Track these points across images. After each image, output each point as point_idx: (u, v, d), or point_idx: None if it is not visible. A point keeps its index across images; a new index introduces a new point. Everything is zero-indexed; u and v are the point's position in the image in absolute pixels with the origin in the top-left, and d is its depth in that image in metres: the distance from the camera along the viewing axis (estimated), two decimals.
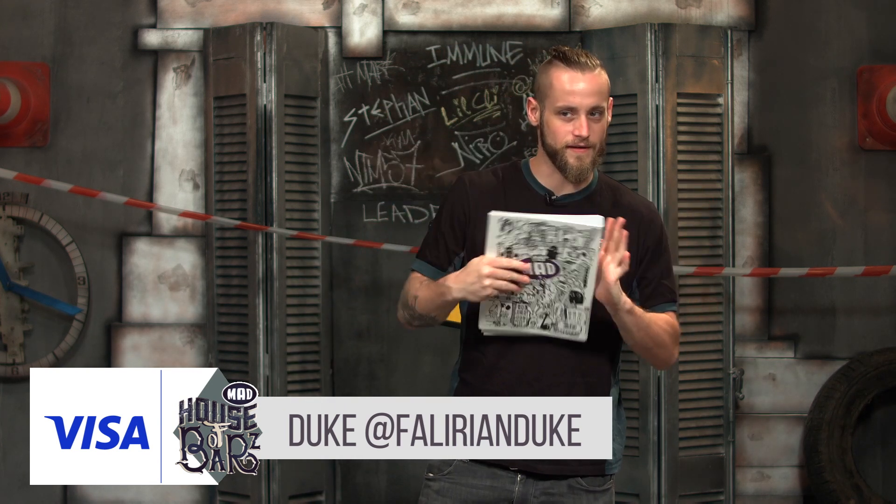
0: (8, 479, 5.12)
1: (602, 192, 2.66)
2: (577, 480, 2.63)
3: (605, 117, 2.61)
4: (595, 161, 2.61)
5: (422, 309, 2.63)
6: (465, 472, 2.63)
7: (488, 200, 2.62)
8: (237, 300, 4.84)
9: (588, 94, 2.56)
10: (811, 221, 5.16)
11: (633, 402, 4.77)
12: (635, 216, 2.63)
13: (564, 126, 2.57)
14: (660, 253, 2.66)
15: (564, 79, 2.57)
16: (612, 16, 5.12)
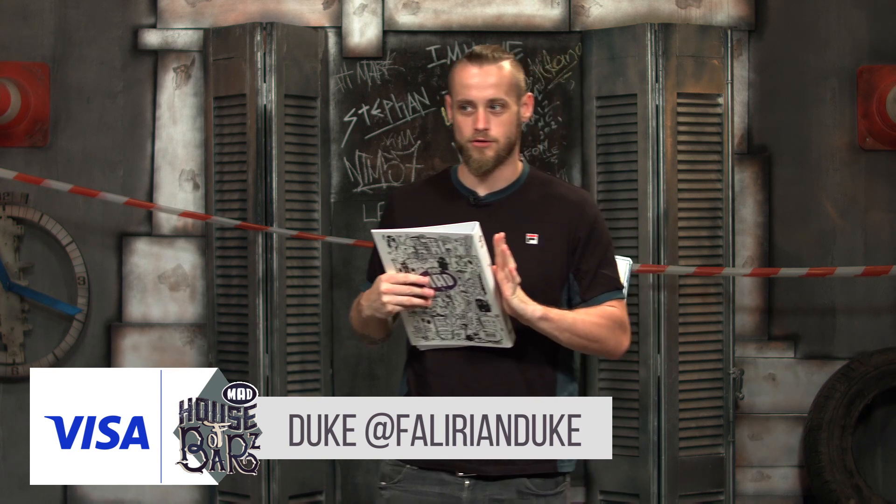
0: (8, 479, 5.12)
1: (531, 186, 2.64)
2: (525, 485, 2.59)
3: (509, 110, 2.58)
4: (499, 155, 2.58)
5: (356, 327, 2.72)
6: (414, 479, 2.62)
7: (414, 211, 2.64)
8: (237, 300, 4.84)
9: (485, 86, 2.54)
10: (811, 221, 5.16)
11: (633, 402, 4.78)
12: (566, 206, 2.61)
13: (465, 120, 2.57)
14: (594, 243, 2.61)
15: (463, 73, 2.57)
16: (612, 16, 5.12)
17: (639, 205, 4.77)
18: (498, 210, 2.60)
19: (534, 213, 2.61)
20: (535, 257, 2.56)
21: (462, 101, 2.57)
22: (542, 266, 2.58)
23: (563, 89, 5.11)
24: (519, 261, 2.44)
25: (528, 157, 5.10)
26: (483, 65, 2.56)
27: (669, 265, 4.68)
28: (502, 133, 2.57)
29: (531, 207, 2.61)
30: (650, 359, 4.73)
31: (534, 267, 2.54)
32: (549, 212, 2.61)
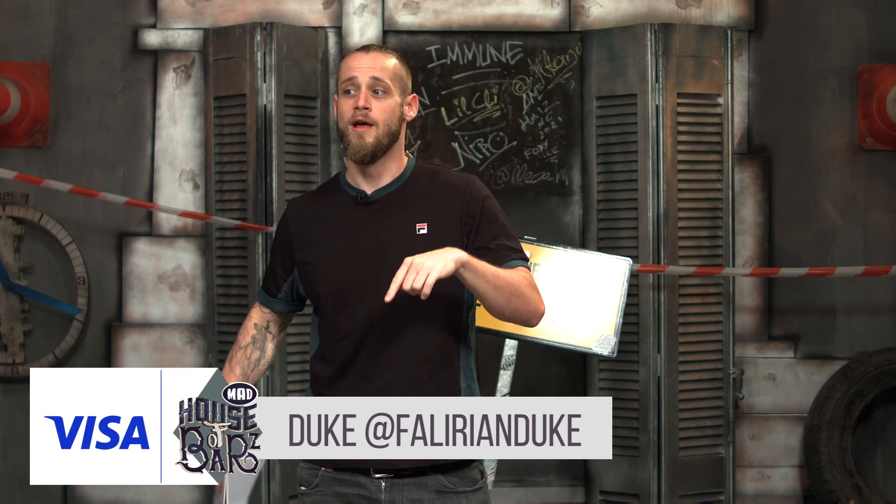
0: (8, 479, 5.12)
1: (417, 178, 2.66)
2: (442, 483, 2.57)
3: (392, 98, 2.59)
4: (379, 141, 2.59)
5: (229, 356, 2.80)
6: (331, 482, 2.61)
7: (306, 218, 2.67)
8: (237, 300, 4.84)
9: (368, 68, 2.57)
10: (811, 221, 5.16)
11: (633, 402, 4.78)
12: (453, 191, 2.62)
13: (347, 102, 2.58)
14: (487, 219, 2.59)
15: (350, 58, 2.61)
16: (612, 16, 5.12)
17: (639, 205, 4.77)
18: (385, 205, 2.61)
19: (422, 204, 2.61)
20: (428, 246, 2.50)
21: (345, 83, 2.58)
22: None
23: (563, 89, 5.11)
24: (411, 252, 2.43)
25: (529, 157, 5.10)
26: (370, 52, 2.61)
27: (669, 265, 4.68)
28: (383, 118, 2.59)
29: (418, 198, 2.61)
30: (650, 359, 4.73)
31: None
32: (437, 200, 2.61)
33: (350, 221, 2.62)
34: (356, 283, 2.57)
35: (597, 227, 4.90)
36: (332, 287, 2.60)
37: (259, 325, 2.80)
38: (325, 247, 2.63)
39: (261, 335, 2.79)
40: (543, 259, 4.02)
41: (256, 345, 2.79)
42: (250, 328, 2.80)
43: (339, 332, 2.60)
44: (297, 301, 2.78)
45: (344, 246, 2.60)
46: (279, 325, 2.82)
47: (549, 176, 5.11)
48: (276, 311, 2.79)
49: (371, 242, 2.58)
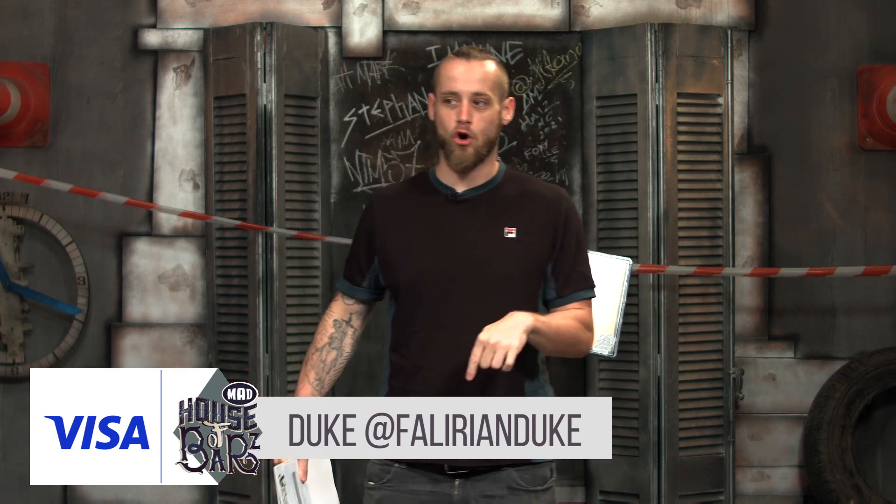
0: (8, 479, 5.12)
1: (507, 183, 2.69)
2: (514, 480, 2.61)
3: (492, 108, 2.62)
4: (479, 152, 2.62)
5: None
6: (404, 478, 2.64)
7: (394, 211, 2.70)
8: (237, 300, 4.84)
9: (470, 80, 2.59)
10: (811, 221, 5.16)
11: (633, 402, 4.77)
12: (544, 202, 2.66)
13: (449, 113, 2.61)
14: (570, 239, 2.66)
15: (450, 67, 2.62)
16: (612, 16, 5.12)
17: (639, 205, 4.77)
18: (476, 205, 2.65)
19: (511, 209, 2.65)
20: (514, 250, 2.60)
21: (447, 94, 2.61)
22: (519, 259, 2.62)
23: (563, 89, 5.11)
24: (498, 253, 2.52)
25: (529, 157, 5.10)
26: (471, 60, 2.62)
27: (669, 265, 4.68)
28: (482, 129, 2.62)
29: (508, 203, 2.65)
30: (650, 359, 4.73)
31: (512, 259, 2.59)
32: (526, 207, 2.65)
33: (438, 217, 2.66)
34: (437, 277, 2.61)
35: (597, 227, 4.90)
36: (412, 279, 2.64)
37: (339, 321, 2.80)
38: (410, 238, 2.66)
39: (339, 332, 2.79)
40: None
41: (333, 344, 2.78)
42: (329, 326, 2.80)
43: (415, 324, 2.64)
44: (379, 291, 2.78)
45: (429, 239, 2.64)
46: (362, 317, 2.82)
47: (549, 176, 5.11)
48: (360, 301, 2.79)
49: (457, 239, 2.62)
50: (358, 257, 2.76)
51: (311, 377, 2.76)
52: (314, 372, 2.76)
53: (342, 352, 2.80)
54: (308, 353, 2.80)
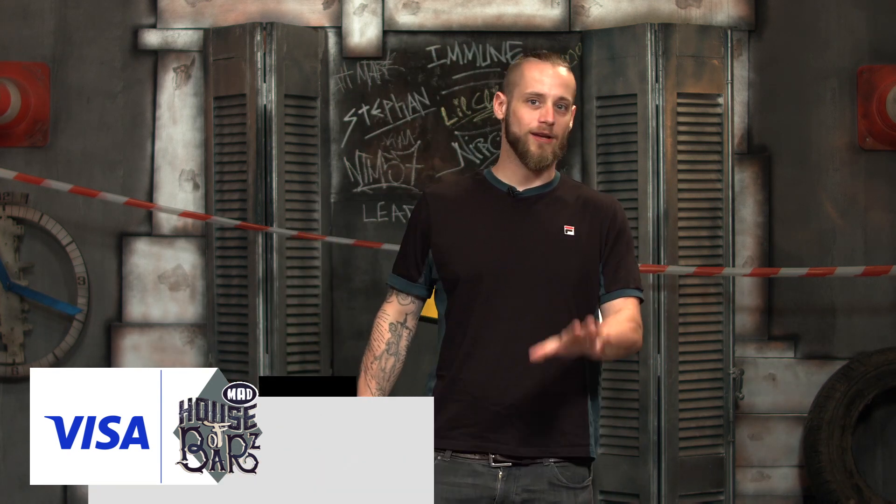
0: (8, 479, 5.12)
1: (564, 187, 2.76)
2: (556, 476, 2.64)
3: (570, 114, 2.74)
4: (556, 153, 2.71)
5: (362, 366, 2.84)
6: (446, 470, 2.65)
7: (450, 206, 2.75)
8: (237, 300, 4.84)
9: (556, 84, 2.69)
10: (811, 221, 5.16)
11: (633, 402, 4.77)
12: (598, 209, 2.73)
13: (531, 113, 2.68)
14: (622, 243, 2.72)
15: (535, 69, 2.70)
16: (612, 16, 5.12)
17: (639, 205, 4.77)
18: (535, 204, 2.71)
19: (569, 210, 2.71)
20: (574, 248, 2.66)
21: (531, 94, 2.68)
22: (579, 257, 2.67)
23: None
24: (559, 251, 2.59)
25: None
26: (556, 65, 2.71)
27: (669, 265, 4.68)
28: (562, 132, 2.72)
29: (566, 205, 2.72)
30: (650, 359, 4.73)
31: (573, 257, 2.65)
32: (583, 210, 2.72)
33: (496, 212, 2.70)
34: (497, 272, 2.64)
35: None
36: (472, 273, 2.67)
37: (395, 324, 2.82)
38: (470, 233, 2.70)
39: (395, 336, 2.82)
40: None
41: (391, 350, 2.82)
42: (385, 331, 2.82)
43: (471, 318, 2.66)
44: (431, 288, 2.81)
45: (489, 235, 2.68)
46: (416, 316, 2.84)
47: None
48: (417, 298, 2.81)
49: (516, 235, 2.67)
50: (413, 253, 2.78)
51: (372, 387, 2.80)
52: (375, 381, 2.81)
53: (399, 356, 2.83)
54: (366, 361, 2.83)
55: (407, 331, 2.83)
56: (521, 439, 2.61)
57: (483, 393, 2.63)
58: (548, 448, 2.63)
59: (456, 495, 2.64)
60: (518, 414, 2.61)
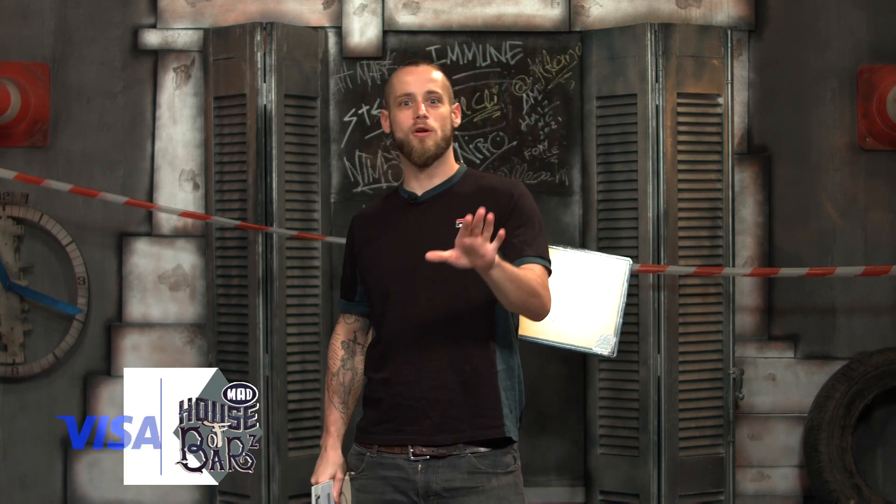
0: (8, 479, 5.12)
1: (464, 181, 2.89)
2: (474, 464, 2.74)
3: (444, 107, 2.85)
4: (438, 144, 2.83)
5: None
6: (375, 466, 2.81)
7: (369, 225, 2.93)
8: (237, 300, 4.84)
9: (421, 81, 2.85)
10: (811, 221, 5.16)
11: (633, 402, 4.77)
12: (497, 193, 2.83)
13: (405, 113, 2.84)
14: (517, 215, 2.80)
15: (401, 74, 2.90)
16: (612, 16, 5.12)
17: (639, 205, 4.77)
18: (432, 205, 2.85)
19: (465, 203, 2.79)
20: None
21: (402, 97, 2.85)
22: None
23: (563, 89, 5.11)
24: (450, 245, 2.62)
25: (529, 157, 5.10)
26: (419, 65, 2.90)
27: (669, 265, 4.68)
28: (439, 125, 2.83)
29: (462, 199, 2.82)
30: (650, 359, 4.73)
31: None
32: (480, 200, 2.75)
33: (400, 220, 2.86)
34: (401, 275, 2.79)
35: (597, 227, 4.90)
36: (379, 278, 2.84)
37: (346, 342, 2.99)
38: (378, 243, 2.88)
39: (349, 353, 2.98)
40: None
41: (346, 366, 2.98)
42: (337, 349, 2.99)
43: (385, 320, 2.82)
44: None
45: (392, 242, 2.84)
46: (365, 332, 3.00)
47: (549, 176, 5.12)
48: (358, 315, 2.98)
49: (415, 238, 2.80)
50: (347, 274, 2.97)
51: (335, 402, 2.95)
52: (337, 396, 2.96)
53: (356, 371, 2.98)
54: (327, 380, 2.98)
55: (359, 346, 2.99)
56: (434, 428, 2.73)
57: (399, 390, 2.77)
58: (463, 433, 2.73)
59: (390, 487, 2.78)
60: (431, 405, 2.74)
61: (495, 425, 2.75)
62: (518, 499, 2.78)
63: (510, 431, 2.77)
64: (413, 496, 2.75)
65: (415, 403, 2.74)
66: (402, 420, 2.76)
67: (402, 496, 2.76)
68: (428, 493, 2.73)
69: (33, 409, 5.11)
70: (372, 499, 2.79)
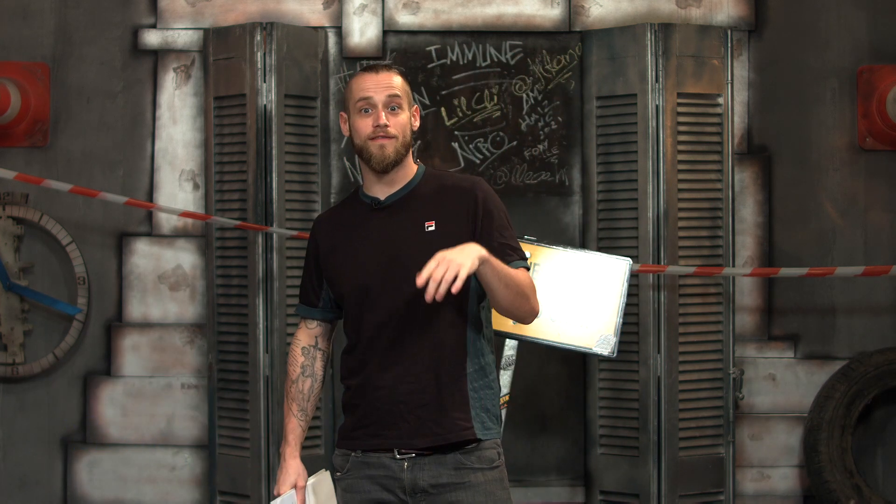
0: (8, 479, 5.12)
1: (425, 182, 2.86)
2: (459, 460, 2.75)
3: (405, 112, 2.82)
4: (399, 151, 2.80)
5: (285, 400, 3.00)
6: (361, 466, 2.81)
7: (331, 230, 2.90)
8: (237, 300, 4.84)
9: (381, 87, 2.79)
10: (811, 221, 5.16)
11: (633, 402, 4.78)
12: (459, 192, 2.82)
13: (364, 120, 2.80)
14: (489, 218, 2.79)
15: (361, 79, 2.83)
16: (612, 16, 5.12)
17: (639, 205, 4.77)
18: (396, 209, 2.83)
19: (429, 204, 2.81)
20: (436, 242, 2.71)
21: (362, 103, 2.80)
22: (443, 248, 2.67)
23: (563, 89, 5.11)
24: (421, 248, 2.68)
25: (529, 157, 5.10)
26: (379, 72, 2.82)
27: (669, 265, 4.68)
28: (400, 131, 2.80)
29: (426, 200, 2.82)
30: (650, 359, 4.73)
31: (435, 250, 2.64)
32: (444, 200, 2.81)
33: (366, 226, 2.83)
34: (372, 280, 2.78)
35: (597, 227, 4.90)
36: (351, 286, 2.82)
37: (307, 348, 2.97)
38: (345, 251, 2.85)
39: (309, 359, 2.97)
40: (543, 259, 4.02)
41: (306, 372, 2.96)
42: (297, 356, 2.97)
43: (360, 326, 2.81)
44: (337, 308, 2.95)
45: (361, 248, 2.82)
46: (327, 337, 2.99)
47: (549, 176, 5.12)
48: (321, 321, 2.96)
49: (384, 243, 2.79)
50: (310, 280, 2.94)
51: (294, 410, 2.94)
52: (296, 404, 2.95)
53: (316, 377, 2.97)
54: (286, 386, 2.97)
55: (320, 352, 2.98)
56: (412, 431, 2.74)
57: (375, 394, 2.78)
58: (440, 435, 2.73)
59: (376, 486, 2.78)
60: (407, 409, 2.75)
61: (466, 427, 2.75)
62: (504, 493, 2.79)
63: (482, 433, 2.78)
64: (400, 494, 2.76)
65: (392, 408, 2.75)
66: (380, 425, 2.77)
67: (389, 494, 2.77)
68: (415, 489, 2.75)
69: (33, 409, 5.11)
70: (359, 498, 2.79)
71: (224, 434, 4.85)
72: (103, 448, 5.10)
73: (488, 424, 2.80)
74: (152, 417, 5.09)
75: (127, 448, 5.10)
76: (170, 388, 5.09)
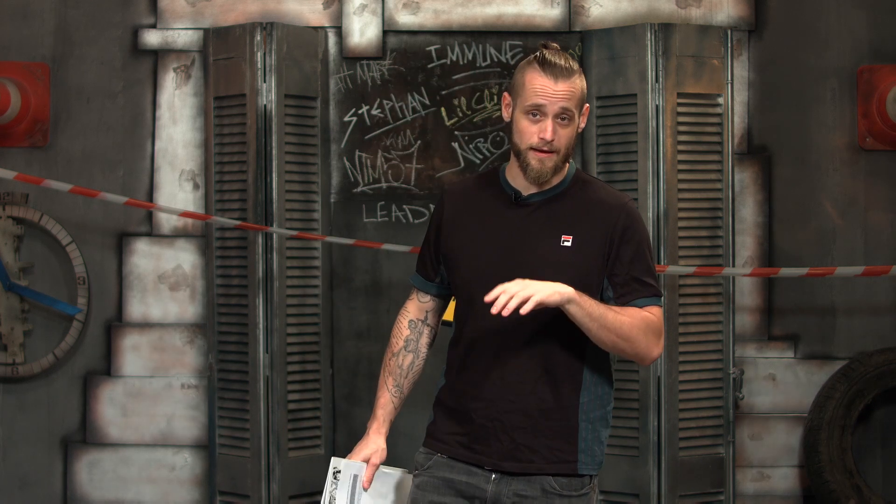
0: (8, 479, 5.12)
1: (572, 188, 2.68)
2: (549, 483, 2.61)
3: (574, 123, 2.62)
4: (558, 165, 2.62)
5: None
6: (443, 467, 2.66)
7: (461, 206, 2.72)
8: (237, 300, 4.84)
9: (559, 98, 2.57)
10: (811, 221, 5.16)
11: (633, 402, 4.77)
12: (605, 210, 2.65)
13: (531, 127, 2.59)
14: (627, 248, 2.62)
15: (539, 80, 2.58)
16: (612, 16, 5.12)
17: (639, 205, 4.76)
18: (537, 210, 2.64)
19: (571, 216, 2.64)
20: (569, 259, 2.59)
21: (532, 107, 2.58)
22: (575, 268, 2.59)
23: None
24: (552, 262, 2.53)
25: None
26: (558, 77, 2.57)
27: (669, 265, 4.68)
28: (565, 144, 2.61)
29: (569, 210, 2.64)
30: None
31: (567, 269, 2.56)
32: (587, 215, 2.64)
33: (499, 218, 2.66)
34: (491, 278, 2.54)
35: None
36: (468, 277, 2.65)
37: (415, 321, 2.81)
38: (471, 237, 2.67)
39: (415, 334, 2.80)
40: None
41: (409, 347, 2.79)
42: (404, 328, 2.81)
43: (468, 322, 2.64)
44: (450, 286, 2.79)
45: (487, 240, 2.65)
46: (437, 314, 2.83)
47: None
48: (434, 296, 2.80)
49: (514, 242, 2.62)
50: (429, 252, 2.77)
51: (389, 384, 2.78)
52: (392, 378, 2.78)
53: (419, 353, 2.81)
54: (385, 358, 2.81)
55: (428, 328, 2.82)
56: (504, 454, 2.60)
57: (472, 404, 2.63)
58: (532, 464, 2.59)
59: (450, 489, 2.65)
60: (503, 429, 2.60)
61: (569, 460, 2.61)
62: None
63: (585, 468, 2.63)
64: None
65: (487, 423, 2.60)
66: (472, 437, 2.62)
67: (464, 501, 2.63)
68: (497, 502, 2.61)
69: (33, 409, 5.11)
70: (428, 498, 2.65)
71: (224, 434, 4.85)
72: (103, 448, 5.10)
73: (598, 458, 2.65)
74: (152, 417, 5.09)
75: (127, 448, 5.10)
76: (170, 388, 5.09)
